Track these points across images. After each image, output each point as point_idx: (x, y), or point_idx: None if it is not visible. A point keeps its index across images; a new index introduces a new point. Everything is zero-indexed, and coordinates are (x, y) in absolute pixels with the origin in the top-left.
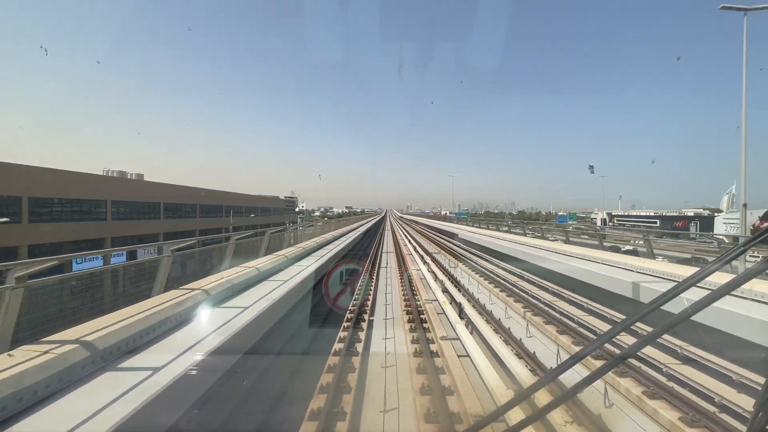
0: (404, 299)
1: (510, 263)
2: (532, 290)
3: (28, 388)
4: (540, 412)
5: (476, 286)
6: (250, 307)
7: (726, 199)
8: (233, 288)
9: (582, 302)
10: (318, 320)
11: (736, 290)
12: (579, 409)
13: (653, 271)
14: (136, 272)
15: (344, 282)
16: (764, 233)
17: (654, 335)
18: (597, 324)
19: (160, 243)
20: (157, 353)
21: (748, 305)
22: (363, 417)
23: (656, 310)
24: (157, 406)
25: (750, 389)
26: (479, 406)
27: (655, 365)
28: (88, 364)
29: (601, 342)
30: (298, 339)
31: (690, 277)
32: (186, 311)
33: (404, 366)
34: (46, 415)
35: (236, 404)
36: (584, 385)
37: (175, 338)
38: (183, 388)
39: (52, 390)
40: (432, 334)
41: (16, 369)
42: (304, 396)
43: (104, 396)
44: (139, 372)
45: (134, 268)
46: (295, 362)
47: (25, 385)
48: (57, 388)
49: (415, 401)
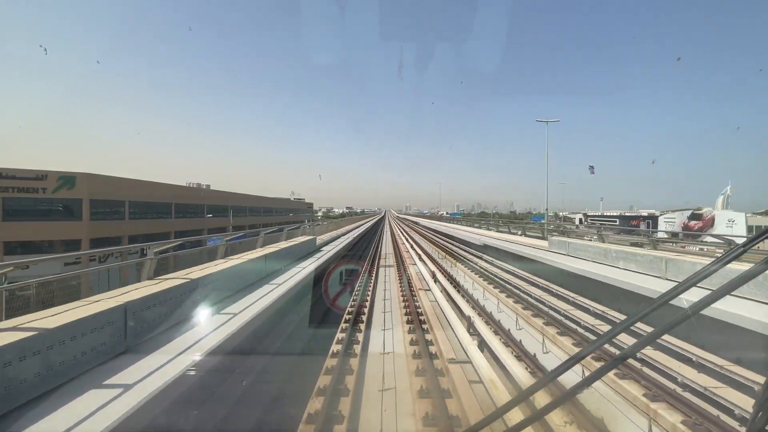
0: (397, 267)
1: (473, 248)
2: (478, 262)
3: (23, 387)
4: (539, 413)
5: (448, 261)
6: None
7: (721, 200)
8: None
9: (508, 269)
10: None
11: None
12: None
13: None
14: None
15: (345, 281)
16: (764, 234)
17: (654, 336)
18: (512, 270)
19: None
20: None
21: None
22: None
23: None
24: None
25: (750, 390)
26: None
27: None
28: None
29: (601, 343)
30: (316, 311)
31: (690, 278)
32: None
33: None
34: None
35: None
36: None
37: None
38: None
39: (48, 388)
40: (415, 290)
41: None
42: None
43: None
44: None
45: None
46: (310, 333)
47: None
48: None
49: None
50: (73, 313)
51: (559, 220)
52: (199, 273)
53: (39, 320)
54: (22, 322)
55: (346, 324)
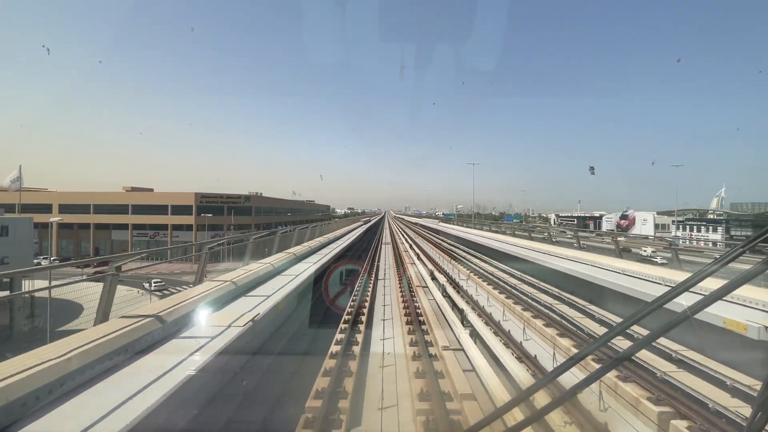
0: (394, 253)
1: (452, 240)
2: (455, 249)
3: (33, 392)
4: (539, 413)
5: (431, 248)
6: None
7: (715, 201)
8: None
9: (479, 255)
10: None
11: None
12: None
13: (506, 240)
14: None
15: (346, 280)
16: (762, 235)
17: (652, 337)
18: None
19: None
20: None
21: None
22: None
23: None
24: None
25: (749, 390)
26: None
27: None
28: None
29: (600, 343)
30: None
31: (688, 279)
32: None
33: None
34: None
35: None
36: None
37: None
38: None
39: (58, 393)
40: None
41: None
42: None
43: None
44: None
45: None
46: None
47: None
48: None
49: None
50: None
51: (533, 220)
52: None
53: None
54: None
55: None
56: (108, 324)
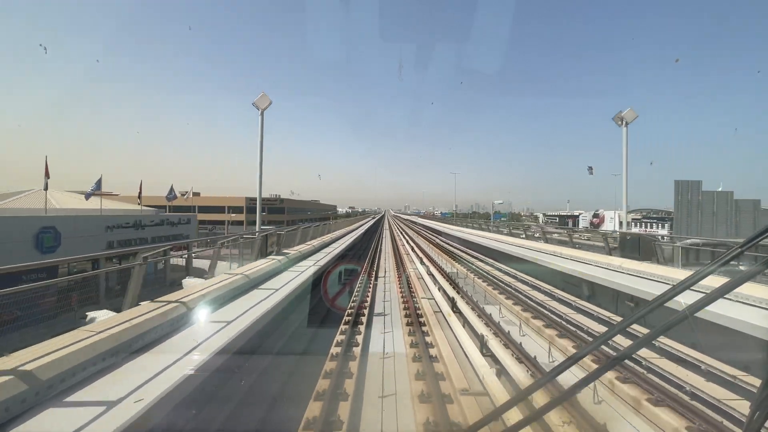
0: (392, 245)
1: (443, 236)
2: (443, 243)
3: (30, 389)
4: (538, 413)
5: (423, 240)
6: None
7: None
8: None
9: (463, 249)
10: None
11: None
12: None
13: (483, 235)
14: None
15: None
16: (761, 235)
17: (651, 336)
18: (455, 245)
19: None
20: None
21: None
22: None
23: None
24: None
25: (747, 390)
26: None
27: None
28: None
29: (599, 343)
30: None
31: (688, 279)
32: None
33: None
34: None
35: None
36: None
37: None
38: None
39: (54, 391)
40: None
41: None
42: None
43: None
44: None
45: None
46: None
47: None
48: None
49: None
50: None
51: (525, 218)
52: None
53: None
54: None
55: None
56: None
